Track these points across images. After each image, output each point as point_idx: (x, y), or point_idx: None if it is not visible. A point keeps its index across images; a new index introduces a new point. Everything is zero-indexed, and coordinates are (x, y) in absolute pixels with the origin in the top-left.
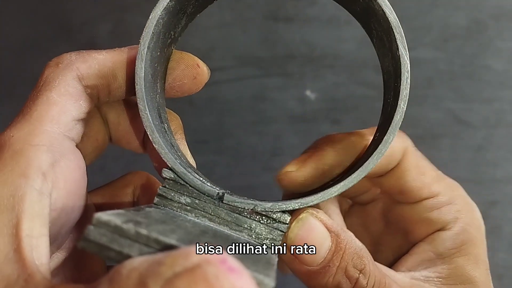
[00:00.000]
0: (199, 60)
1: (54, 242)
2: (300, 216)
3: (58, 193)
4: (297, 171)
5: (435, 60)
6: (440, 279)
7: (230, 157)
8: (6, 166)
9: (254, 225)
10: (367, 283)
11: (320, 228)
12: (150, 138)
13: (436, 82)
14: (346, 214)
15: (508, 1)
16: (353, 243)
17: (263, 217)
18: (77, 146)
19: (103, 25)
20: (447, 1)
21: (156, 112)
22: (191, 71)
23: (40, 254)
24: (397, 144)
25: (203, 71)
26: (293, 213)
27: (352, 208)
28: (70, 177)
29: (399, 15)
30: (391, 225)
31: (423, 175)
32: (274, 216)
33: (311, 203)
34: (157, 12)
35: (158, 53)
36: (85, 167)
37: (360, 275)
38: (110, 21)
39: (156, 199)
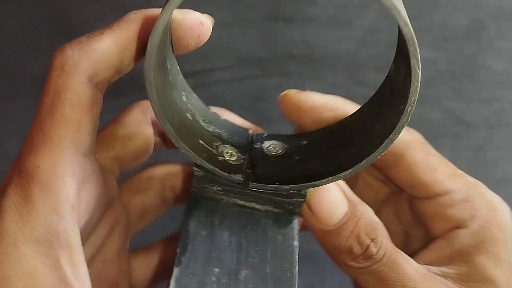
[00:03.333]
0: (202, 16)
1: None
2: None
3: (83, 214)
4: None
5: (435, 60)
6: (459, 276)
7: None
8: (38, 201)
9: (277, 199)
10: (377, 252)
11: (337, 193)
12: (178, 146)
13: (436, 82)
14: (382, 203)
15: (508, 1)
16: (369, 216)
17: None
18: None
19: (103, 25)
20: (447, 1)
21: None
22: (195, 31)
23: (83, 281)
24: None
25: (208, 28)
26: None
27: (389, 196)
28: (92, 200)
29: None
30: (416, 218)
31: (433, 170)
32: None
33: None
34: None
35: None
36: (103, 179)
37: (371, 243)
38: (110, 21)
39: (192, 189)
